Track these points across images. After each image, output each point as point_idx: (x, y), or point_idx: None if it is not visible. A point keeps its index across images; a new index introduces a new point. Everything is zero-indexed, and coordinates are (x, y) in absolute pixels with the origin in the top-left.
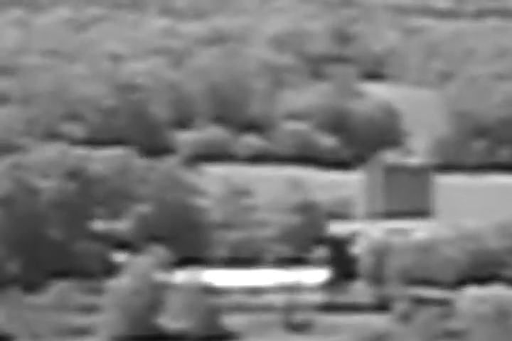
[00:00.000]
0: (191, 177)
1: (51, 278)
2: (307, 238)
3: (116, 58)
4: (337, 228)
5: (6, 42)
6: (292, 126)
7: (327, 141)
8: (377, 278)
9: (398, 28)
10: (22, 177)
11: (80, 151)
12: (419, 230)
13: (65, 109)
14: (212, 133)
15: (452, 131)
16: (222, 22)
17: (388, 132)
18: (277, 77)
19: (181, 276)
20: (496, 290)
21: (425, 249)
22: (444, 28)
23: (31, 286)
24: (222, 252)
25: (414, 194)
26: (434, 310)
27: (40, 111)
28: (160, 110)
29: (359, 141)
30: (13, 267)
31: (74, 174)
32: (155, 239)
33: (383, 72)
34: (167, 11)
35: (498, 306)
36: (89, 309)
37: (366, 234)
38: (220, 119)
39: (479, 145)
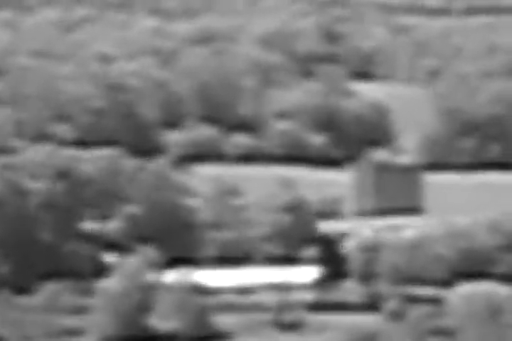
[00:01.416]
0: (181, 177)
1: (41, 279)
2: (297, 237)
3: (105, 59)
4: (327, 227)
5: None
6: (282, 125)
7: (317, 140)
8: (367, 277)
9: (387, 27)
10: (12, 178)
11: (70, 152)
12: (410, 228)
13: (55, 109)
14: (202, 132)
15: (442, 128)
16: (210, 21)
17: (378, 130)
18: (266, 76)
19: (171, 276)
20: (486, 288)
21: (416, 246)
22: (432, 25)
23: (21, 288)
24: (212, 252)
25: (404, 192)
26: (425, 308)
27: (30, 112)
28: (149, 110)
29: (349, 140)
30: (3, 269)
31: (63, 175)
32: (145, 239)
33: (372, 71)
34: (156, 11)
35: (489, 303)
36: (80, 310)
37: (356, 232)
38: (209, 119)
39: (469, 142)
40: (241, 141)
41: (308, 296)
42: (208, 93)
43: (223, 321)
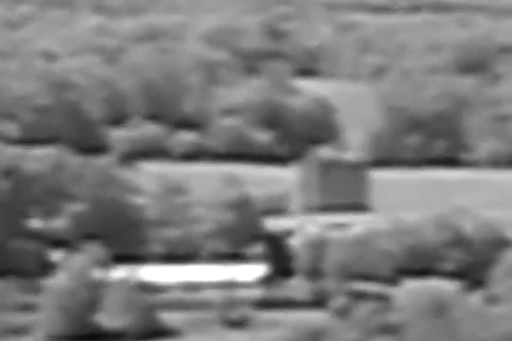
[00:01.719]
0: (126, 174)
1: None
2: (243, 234)
3: (49, 56)
4: (273, 223)
5: None
6: (227, 122)
7: (262, 137)
8: (314, 274)
9: (331, 24)
10: None
11: (15, 150)
12: (356, 224)
13: None
14: (147, 130)
15: (387, 125)
16: (154, 19)
17: (323, 127)
18: (211, 73)
19: (118, 274)
20: (433, 284)
21: (362, 243)
22: (376, 22)
23: None
24: (158, 249)
25: (350, 189)
26: (372, 305)
27: None
28: (94, 108)
29: (294, 137)
30: None
31: (8, 173)
32: (91, 236)
33: (317, 68)
34: (99, 9)
35: (435, 300)
36: (27, 308)
37: (302, 229)
38: (154, 116)
39: (414, 139)
40: (186, 138)
41: (255, 293)
42: (152, 90)
43: (170, 318)
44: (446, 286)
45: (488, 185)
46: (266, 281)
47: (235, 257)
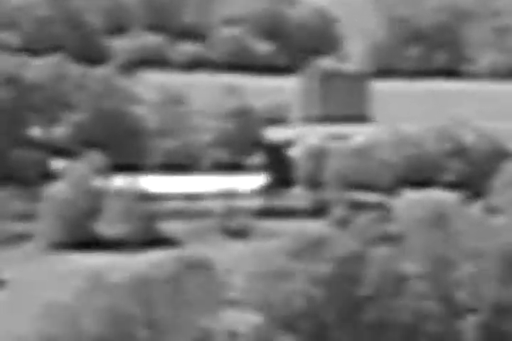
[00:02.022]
0: (127, 84)
1: None
2: (243, 144)
3: None
4: (273, 133)
5: None
6: (228, 32)
7: (262, 47)
8: (314, 183)
9: None
10: None
11: (16, 59)
12: (356, 135)
13: (1, 17)
14: (148, 40)
15: (388, 36)
16: None
17: (323, 38)
18: None
19: (118, 183)
20: (433, 194)
21: (362, 153)
22: None
23: None
24: (158, 159)
25: (351, 99)
26: (372, 215)
27: None
28: (95, 17)
29: (294, 47)
30: None
31: (10, 81)
32: (92, 145)
33: None
34: None
35: (435, 210)
36: (28, 216)
37: (302, 139)
38: (155, 26)
39: (415, 50)
40: (187, 48)
41: (255, 203)
42: (153, 1)
43: (170, 227)
44: (446, 197)
45: (488, 96)
46: (266, 191)
47: (235, 167)
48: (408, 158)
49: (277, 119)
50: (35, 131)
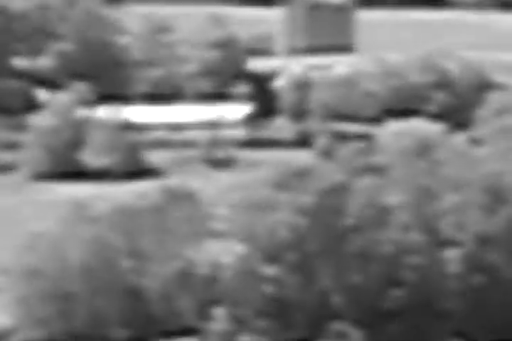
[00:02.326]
0: (112, 14)
1: None
2: (228, 73)
3: None
4: (258, 64)
5: None
6: None
7: None
8: (298, 114)
9: None
10: None
11: None
12: (341, 65)
13: None
14: None
15: None
16: None
17: None
18: None
19: (102, 113)
20: (417, 125)
21: (347, 83)
22: None
23: None
24: (143, 88)
25: (336, 29)
26: (356, 145)
27: None
28: None
29: None
30: None
31: None
32: (76, 75)
33: None
34: None
35: (419, 140)
36: (12, 146)
37: (287, 69)
38: None
39: None
40: None
41: (240, 133)
42: None
43: (154, 157)
44: (430, 127)
45: (473, 26)
46: (250, 121)
47: (219, 97)
48: (392, 88)
49: (262, 50)
50: (20, 61)
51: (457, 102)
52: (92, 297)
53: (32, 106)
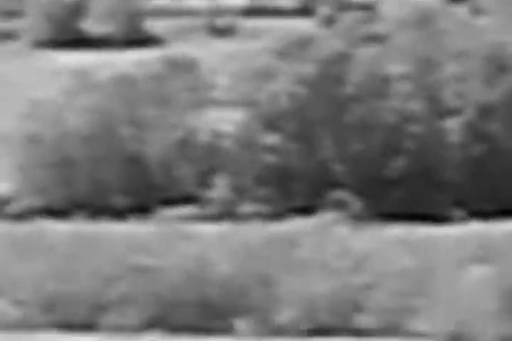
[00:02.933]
0: None
1: None
2: None
3: None
4: None
5: None
6: None
7: None
8: None
9: None
10: None
11: None
12: None
13: None
14: None
15: None
16: None
17: None
18: None
19: None
20: None
21: None
22: None
23: None
24: None
25: None
26: (357, 14)
27: None
28: None
29: None
30: None
31: None
32: None
33: None
34: None
35: (421, 10)
36: (14, 13)
37: None
38: None
39: None
40: None
41: (241, 1)
42: None
43: (155, 26)
44: None
45: None
46: None
47: None
48: None
49: None
50: None
51: None
52: (92, 164)
53: None
